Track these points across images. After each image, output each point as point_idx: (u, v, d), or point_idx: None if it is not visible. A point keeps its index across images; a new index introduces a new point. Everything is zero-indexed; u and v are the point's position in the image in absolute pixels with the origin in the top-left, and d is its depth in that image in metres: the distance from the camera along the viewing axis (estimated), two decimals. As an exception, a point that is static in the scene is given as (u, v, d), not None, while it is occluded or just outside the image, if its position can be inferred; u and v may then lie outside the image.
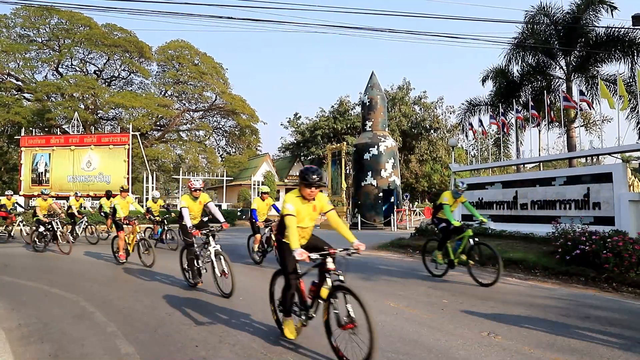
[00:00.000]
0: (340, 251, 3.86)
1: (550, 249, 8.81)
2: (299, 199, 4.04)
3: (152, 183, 28.27)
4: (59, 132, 31.50)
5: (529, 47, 17.78)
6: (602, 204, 9.68)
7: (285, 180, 39.65)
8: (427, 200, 37.64)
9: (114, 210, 9.61)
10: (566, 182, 10.63)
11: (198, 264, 6.68)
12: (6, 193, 16.14)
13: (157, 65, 37.05)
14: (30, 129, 29.03)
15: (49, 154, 26.19)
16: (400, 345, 4.16)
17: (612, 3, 15.92)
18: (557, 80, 18.61)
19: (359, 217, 22.09)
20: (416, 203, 34.73)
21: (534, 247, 9.71)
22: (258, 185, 32.99)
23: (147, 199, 26.58)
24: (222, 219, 6.76)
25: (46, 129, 32.27)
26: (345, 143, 26.15)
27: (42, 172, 26.14)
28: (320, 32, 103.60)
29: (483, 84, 20.25)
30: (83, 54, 34.75)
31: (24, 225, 14.94)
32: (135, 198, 25.92)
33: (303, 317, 4.12)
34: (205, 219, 9.20)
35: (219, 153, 41.76)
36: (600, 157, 26.49)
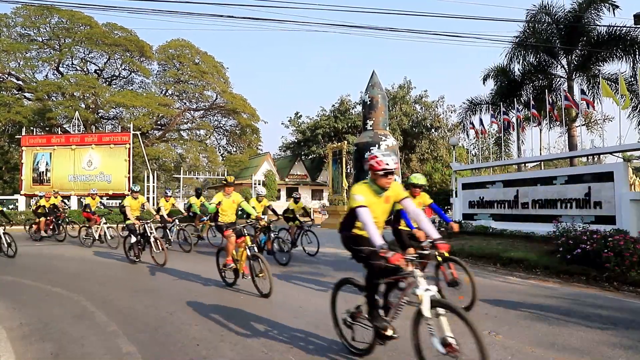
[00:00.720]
0: None
1: (551, 248, 8.80)
2: None
3: (153, 182, 28.27)
4: (59, 132, 31.53)
5: (531, 46, 17.75)
6: (603, 203, 9.67)
7: (286, 179, 39.64)
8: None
9: (213, 211, 7.24)
10: (567, 181, 10.63)
11: (390, 314, 3.61)
12: (90, 192, 14.78)
13: (158, 64, 37.08)
14: (31, 128, 29.06)
15: (50, 153, 26.19)
16: (400, 343, 4.15)
17: (614, 2, 15.87)
18: (558, 79, 18.59)
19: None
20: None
21: (535, 246, 9.70)
22: (258, 184, 32.97)
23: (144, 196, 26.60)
24: (435, 233, 3.49)
25: (47, 129, 32.31)
26: (346, 142, 26.14)
27: (43, 172, 26.16)
28: (321, 30, 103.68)
29: (484, 82, 20.24)
30: (84, 53, 34.76)
31: (107, 228, 13.15)
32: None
33: None
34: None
35: (219, 152, 41.83)
36: (601, 156, 26.45)
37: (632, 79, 15.11)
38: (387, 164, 3.55)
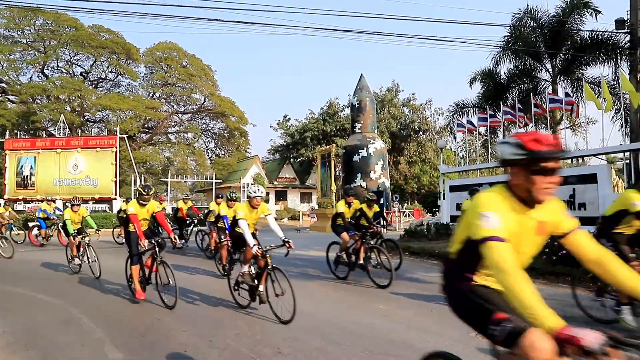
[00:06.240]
0: None
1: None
2: None
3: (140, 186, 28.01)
4: (44, 135, 31.04)
5: (516, 50, 17.99)
6: (588, 205, 9.83)
7: (275, 183, 39.57)
8: (416, 201, 37.84)
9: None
10: (552, 183, 10.77)
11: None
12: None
13: (145, 67, 36.87)
14: (15, 131, 28.60)
15: (34, 157, 25.75)
16: (389, 348, 4.18)
17: (596, 7, 16.18)
18: (543, 82, 18.86)
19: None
20: (405, 204, 34.87)
21: (521, 247, 9.81)
22: (247, 187, 32.86)
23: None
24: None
25: (31, 132, 31.83)
26: (334, 145, 26.17)
27: (27, 176, 25.70)
28: (309, 34, 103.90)
29: (471, 85, 20.42)
30: (69, 55, 34.39)
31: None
32: (123, 200, 25.55)
33: None
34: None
35: (207, 155, 41.61)
36: (585, 158, 26.90)
37: (615, 83, 15.41)
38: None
